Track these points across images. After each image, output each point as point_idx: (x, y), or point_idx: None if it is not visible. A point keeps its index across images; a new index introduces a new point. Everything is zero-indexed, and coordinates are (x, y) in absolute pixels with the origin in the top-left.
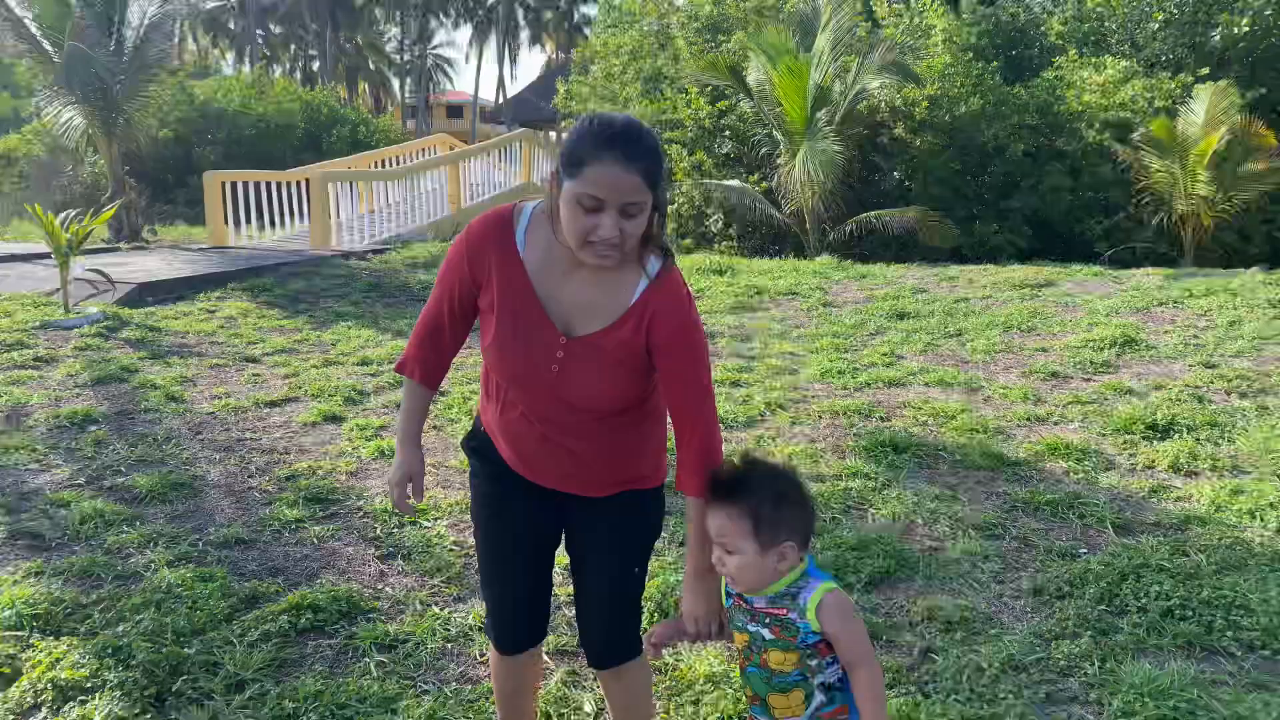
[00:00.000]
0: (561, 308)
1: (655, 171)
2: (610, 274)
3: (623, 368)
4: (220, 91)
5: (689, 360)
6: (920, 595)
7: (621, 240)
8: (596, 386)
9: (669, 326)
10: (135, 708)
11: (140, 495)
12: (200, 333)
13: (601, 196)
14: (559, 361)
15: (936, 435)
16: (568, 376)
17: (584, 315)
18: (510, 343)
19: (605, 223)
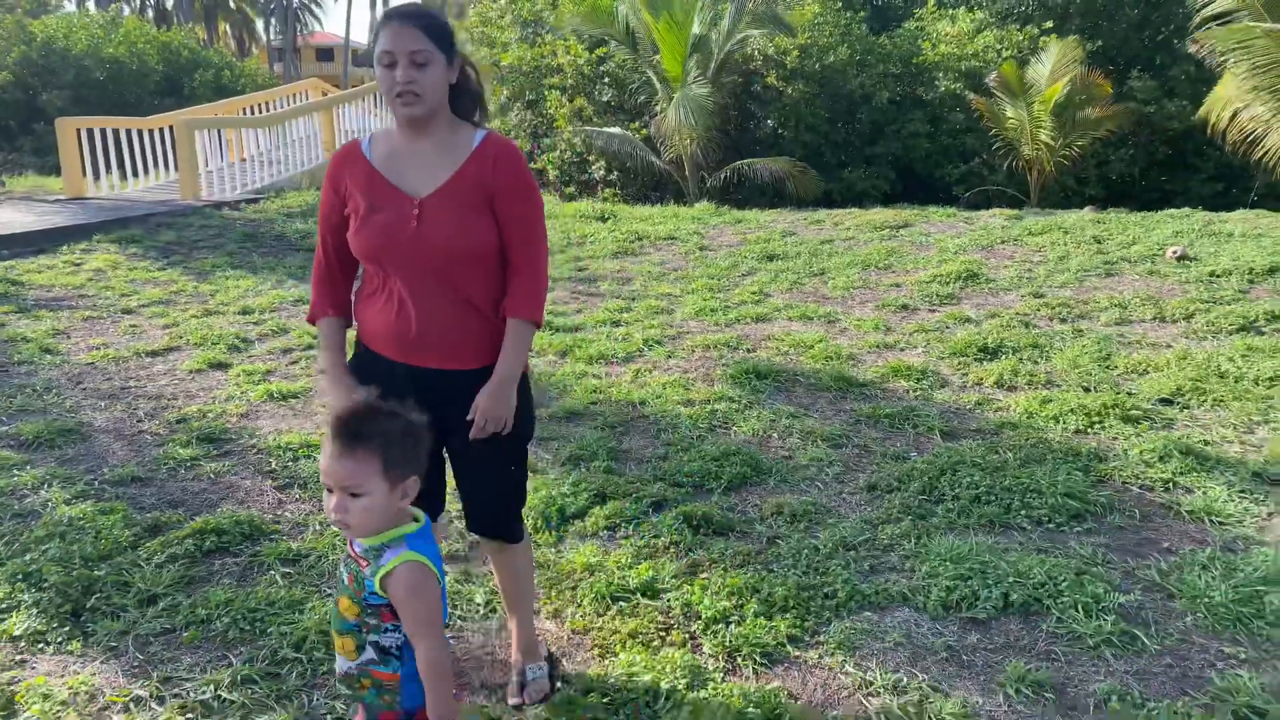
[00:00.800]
0: (408, 179)
1: (436, 29)
2: (445, 137)
3: (473, 212)
4: (63, 31)
5: (526, 204)
6: (771, 495)
7: (420, 86)
8: (452, 231)
9: (510, 172)
10: (53, 622)
11: (27, 441)
12: (67, 286)
13: (390, 49)
14: (415, 219)
15: (796, 363)
16: (425, 230)
17: (430, 176)
18: (369, 218)
19: (399, 73)
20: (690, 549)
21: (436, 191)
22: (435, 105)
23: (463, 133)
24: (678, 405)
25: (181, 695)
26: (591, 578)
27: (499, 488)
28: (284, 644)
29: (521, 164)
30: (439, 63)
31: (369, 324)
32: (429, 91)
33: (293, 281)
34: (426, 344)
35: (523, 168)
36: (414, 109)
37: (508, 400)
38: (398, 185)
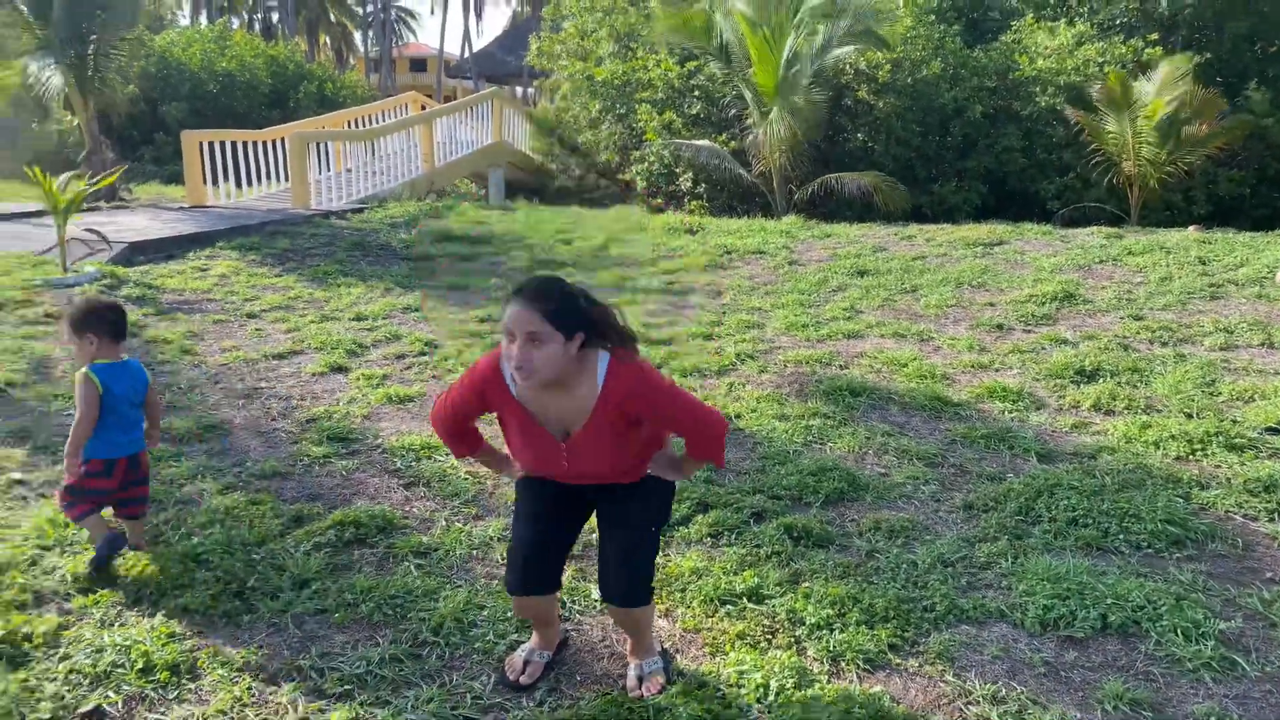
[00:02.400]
0: (551, 420)
1: (555, 312)
2: (575, 387)
3: (616, 441)
4: (180, 45)
5: (667, 412)
6: (869, 511)
7: (534, 364)
8: (601, 462)
9: (637, 403)
10: (222, 598)
11: (179, 436)
12: (197, 290)
13: (510, 327)
14: (565, 457)
15: (889, 381)
16: (577, 463)
17: (568, 419)
18: (524, 449)
19: (515, 349)
20: (792, 559)
21: (578, 435)
22: (551, 377)
23: (588, 369)
24: (773, 420)
25: (338, 669)
26: (699, 581)
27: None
28: (423, 628)
29: (644, 387)
30: (556, 342)
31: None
32: (543, 368)
33: (400, 290)
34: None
35: (647, 389)
36: (529, 382)
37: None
38: (543, 424)
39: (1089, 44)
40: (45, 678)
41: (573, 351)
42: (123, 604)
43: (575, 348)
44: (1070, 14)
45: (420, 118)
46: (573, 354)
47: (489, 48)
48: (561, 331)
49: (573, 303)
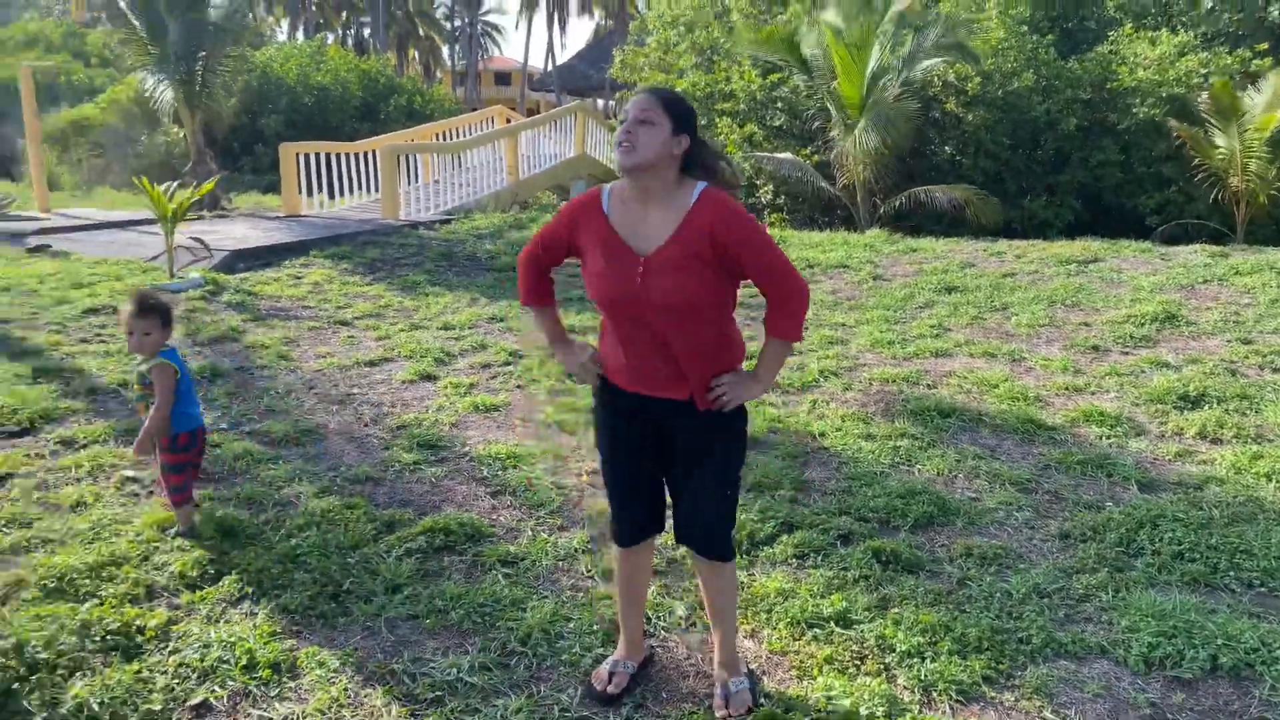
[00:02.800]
0: (636, 237)
1: (672, 103)
2: (668, 197)
3: (690, 270)
4: (279, 60)
5: (751, 246)
6: (960, 536)
7: (637, 140)
8: (671, 288)
9: (725, 224)
10: (319, 600)
11: (277, 439)
12: (292, 297)
13: (627, 110)
14: (640, 275)
15: (979, 402)
16: (649, 285)
17: (653, 236)
18: (602, 269)
19: (624, 126)
20: (880, 583)
21: (658, 251)
22: (648, 161)
23: (684, 190)
24: (858, 439)
25: (429, 675)
26: (785, 603)
27: (716, 508)
28: (511, 638)
29: (733, 212)
30: (662, 127)
31: (603, 354)
32: (644, 147)
33: (485, 300)
34: (648, 378)
35: (736, 216)
36: (626, 158)
37: (747, 392)
38: (627, 241)
39: (1192, 54)
40: (156, 670)
41: (675, 150)
42: (227, 601)
43: (679, 147)
44: (1172, 23)
45: (506, 130)
46: (674, 152)
47: (571, 61)
48: (671, 121)
49: (690, 112)
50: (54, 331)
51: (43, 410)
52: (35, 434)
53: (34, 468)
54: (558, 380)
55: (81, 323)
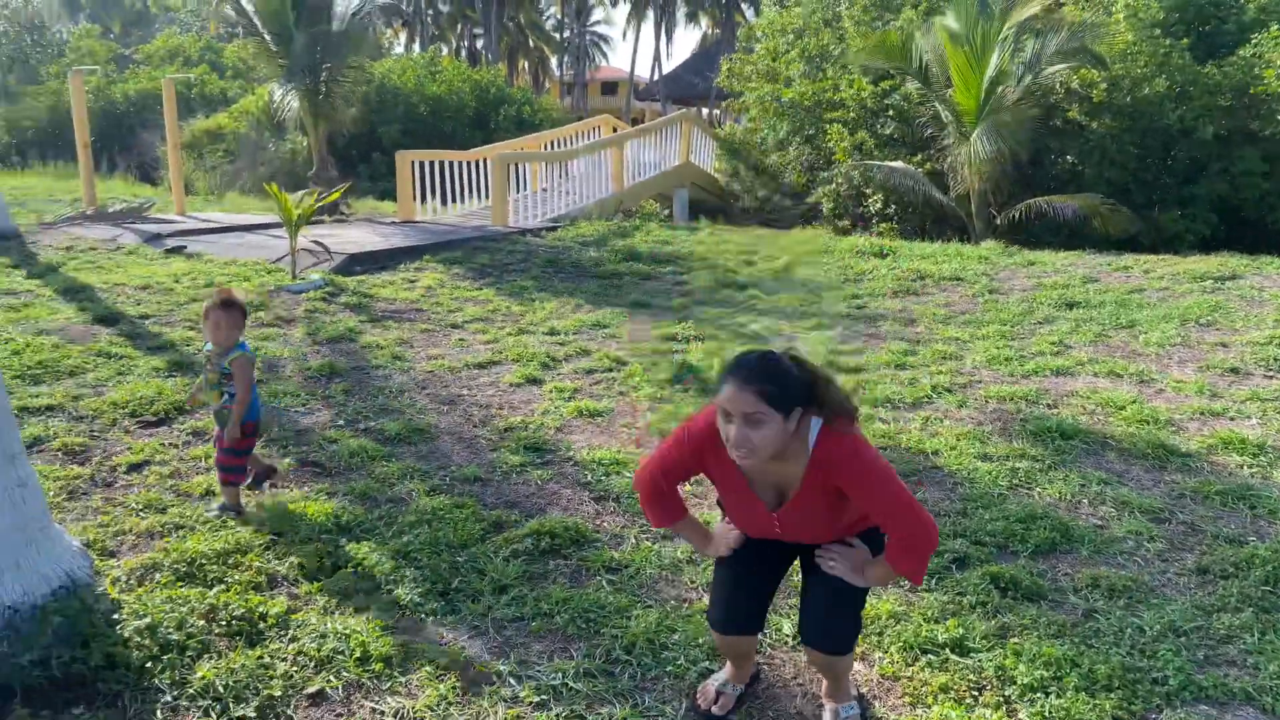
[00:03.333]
0: (765, 488)
1: (773, 393)
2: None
3: (829, 511)
4: (396, 72)
5: (871, 493)
6: (1085, 566)
7: (752, 444)
8: (814, 531)
9: (841, 474)
10: (430, 597)
11: (390, 437)
12: (406, 300)
13: (726, 407)
14: (778, 525)
15: (1105, 424)
16: (790, 533)
17: (781, 489)
18: (737, 515)
19: (732, 431)
20: (999, 611)
21: (789, 507)
22: (767, 456)
23: (800, 435)
24: (974, 459)
25: (535, 678)
26: (898, 626)
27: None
28: (616, 646)
29: (856, 462)
30: (774, 422)
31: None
32: (762, 448)
33: (589, 306)
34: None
35: (858, 465)
36: (747, 462)
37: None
38: (757, 493)
39: None
40: (277, 657)
41: (791, 428)
42: (343, 593)
43: (794, 422)
44: None
45: (613, 139)
46: (791, 430)
47: (677, 70)
48: (780, 411)
49: (789, 379)
50: (188, 328)
51: (177, 402)
52: (170, 424)
53: (168, 456)
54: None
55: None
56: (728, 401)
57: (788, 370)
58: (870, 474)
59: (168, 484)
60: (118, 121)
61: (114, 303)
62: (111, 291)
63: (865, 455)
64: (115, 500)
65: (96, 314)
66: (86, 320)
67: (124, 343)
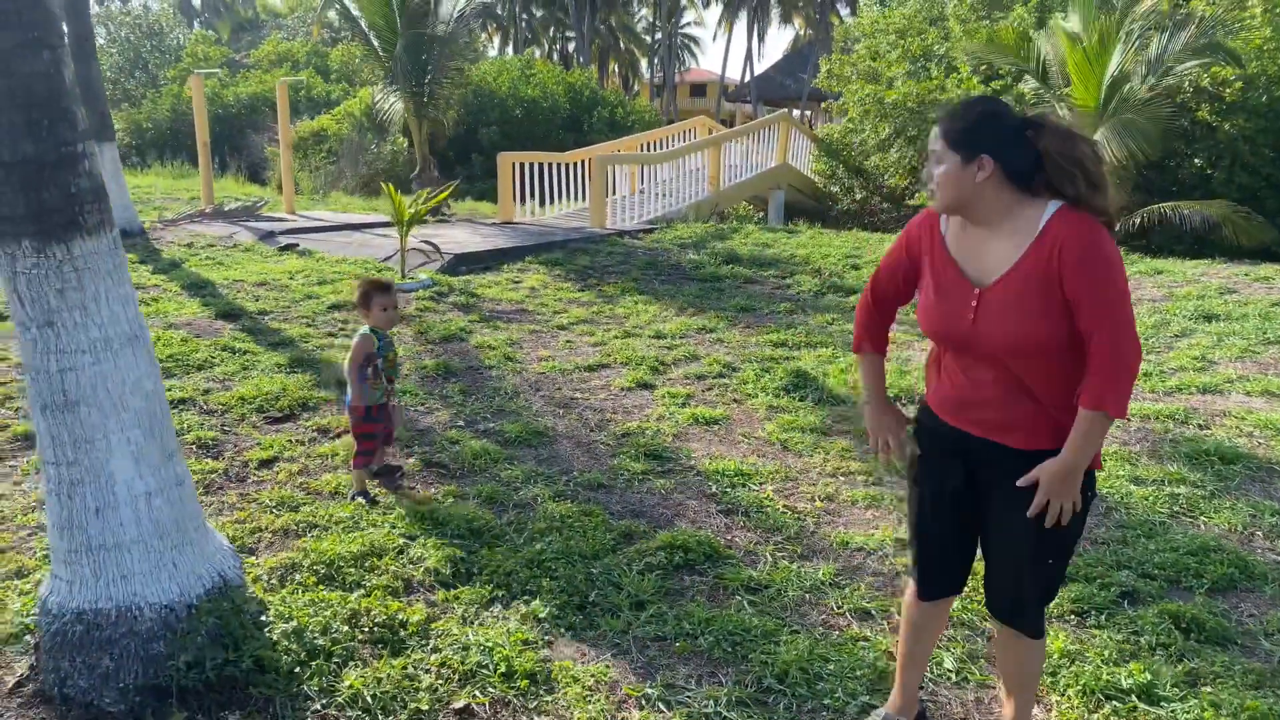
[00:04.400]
0: (975, 267)
1: (953, 132)
2: (1008, 222)
3: (1033, 303)
4: (492, 75)
5: (1093, 286)
6: (1271, 607)
7: (935, 183)
8: (1008, 328)
9: (1074, 254)
10: (567, 610)
11: (510, 439)
12: (511, 300)
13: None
14: (973, 310)
15: (1267, 448)
16: (981, 322)
17: (994, 265)
18: (933, 301)
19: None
20: (1183, 655)
21: (996, 283)
22: (951, 202)
23: (1030, 212)
24: (1125, 482)
25: (685, 704)
26: (1073, 666)
27: (1030, 575)
28: (767, 673)
29: (1087, 243)
30: (951, 162)
31: (929, 383)
32: (941, 188)
33: (693, 310)
34: (975, 416)
35: (1088, 246)
36: (932, 202)
37: (1070, 485)
38: (963, 270)
39: None
40: (420, 668)
41: (977, 178)
42: (479, 603)
43: (981, 174)
44: None
45: (710, 140)
46: (976, 181)
47: (768, 71)
48: (958, 152)
49: (979, 123)
50: (304, 324)
51: (301, 398)
52: (295, 421)
53: (295, 453)
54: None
55: (328, 317)
56: (930, 140)
57: (982, 114)
58: (1103, 258)
59: (298, 481)
60: (229, 123)
61: (234, 298)
62: (231, 287)
63: (1104, 244)
64: (249, 496)
65: (219, 309)
66: (210, 315)
67: (246, 338)
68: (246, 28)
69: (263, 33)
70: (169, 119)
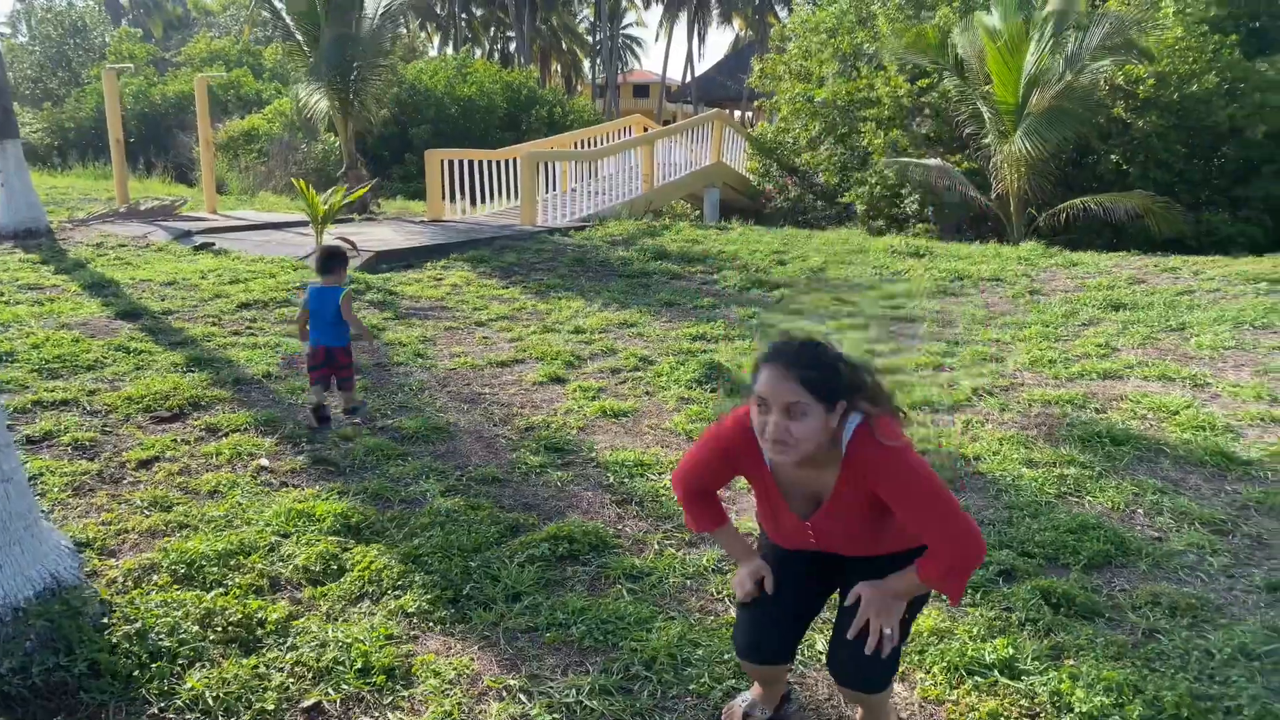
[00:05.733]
0: (798, 498)
1: (817, 382)
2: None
3: (867, 520)
4: (428, 73)
5: (909, 497)
6: (1143, 581)
7: (792, 438)
8: (849, 542)
9: (878, 476)
10: (438, 604)
11: (407, 435)
12: (431, 298)
13: (764, 396)
14: (813, 535)
15: (1157, 430)
16: (824, 543)
17: (812, 498)
18: (771, 523)
19: (770, 421)
20: (1051, 629)
21: (821, 512)
22: (807, 452)
23: (835, 435)
24: (1019, 465)
25: (547, 694)
26: (941, 644)
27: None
28: (635, 660)
29: (893, 465)
30: (816, 414)
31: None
32: (802, 442)
33: (616, 305)
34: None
35: (895, 468)
36: (783, 457)
37: (893, 609)
38: (789, 503)
39: None
40: (273, 667)
41: (833, 424)
42: (347, 599)
43: (836, 418)
44: None
45: (643, 139)
46: (833, 426)
47: (709, 72)
48: (823, 402)
49: (834, 368)
50: (209, 324)
51: (193, 397)
52: (184, 420)
53: (179, 453)
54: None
55: (235, 316)
56: (766, 390)
57: (833, 358)
58: (908, 472)
59: (176, 481)
60: (156, 123)
61: (138, 298)
62: (137, 287)
63: (904, 458)
64: (121, 497)
65: (120, 309)
66: (109, 315)
67: (145, 338)
68: (178, 25)
69: (194, 30)
70: (92, 118)
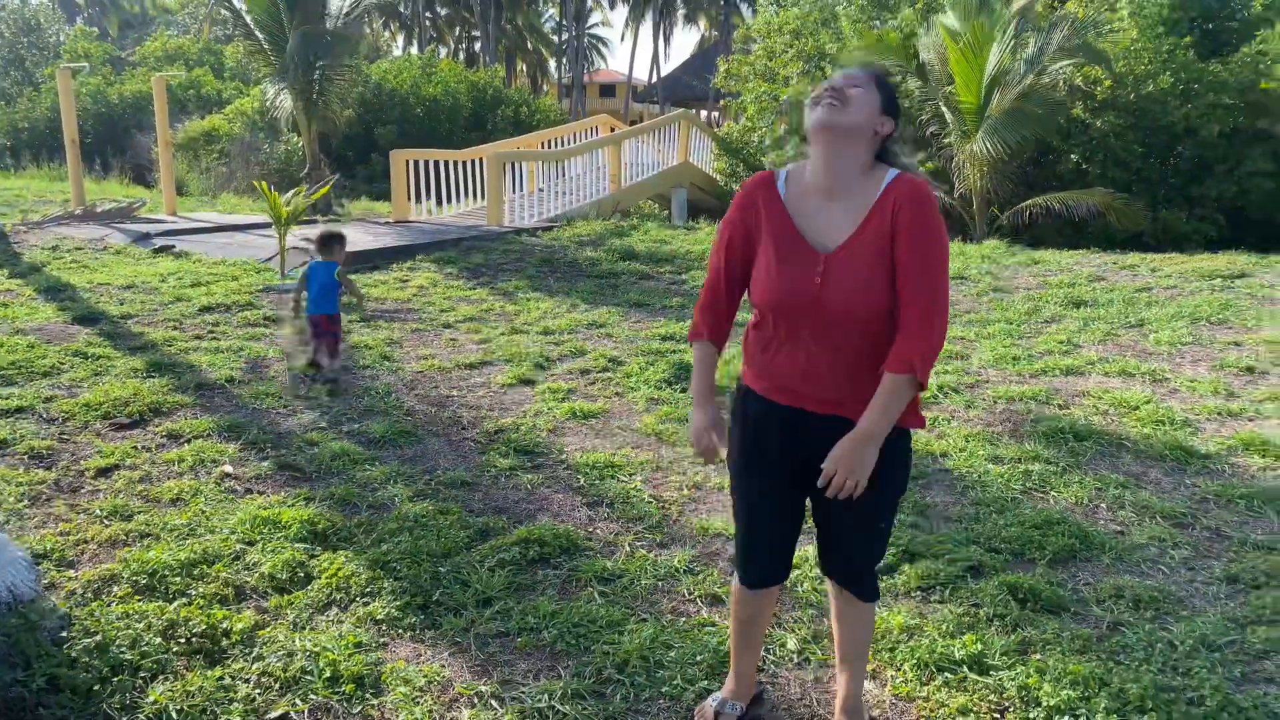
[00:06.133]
0: (817, 230)
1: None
2: (857, 181)
3: (876, 268)
4: (393, 74)
5: (919, 250)
6: (1107, 575)
7: (844, 97)
8: (853, 292)
9: (910, 214)
10: (407, 611)
11: (375, 439)
12: (397, 300)
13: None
14: (820, 274)
15: (1119, 425)
16: (828, 288)
17: (836, 230)
18: (775, 267)
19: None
20: (1018, 624)
21: (841, 247)
22: (856, 124)
23: (874, 176)
24: (985, 461)
25: (519, 700)
26: (911, 641)
27: (866, 541)
28: (607, 663)
29: (924, 206)
30: (871, 102)
31: (751, 363)
32: (855, 108)
33: (585, 305)
34: (810, 389)
35: (925, 210)
36: (831, 114)
37: (864, 457)
38: (805, 235)
39: None
40: (239, 678)
41: (880, 129)
42: (314, 607)
43: (884, 127)
44: None
45: (610, 139)
46: (879, 130)
47: (675, 72)
48: (882, 97)
49: (897, 96)
50: (170, 328)
51: (154, 403)
52: (144, 427)
53: (139, 460)
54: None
55: (196, 320)
56: (840, 76)
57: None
58: (933, 228)
59: (136, 489)
60: (113, 124)
61: (96, 302)
62: (94, 291)
63: (937, 212)
64: (79, 507)
65: (76, 314)
66: (66, 320)
67: (103, 343)
68: (135, 24)
69: (152, 29)
70: (47, 118)
